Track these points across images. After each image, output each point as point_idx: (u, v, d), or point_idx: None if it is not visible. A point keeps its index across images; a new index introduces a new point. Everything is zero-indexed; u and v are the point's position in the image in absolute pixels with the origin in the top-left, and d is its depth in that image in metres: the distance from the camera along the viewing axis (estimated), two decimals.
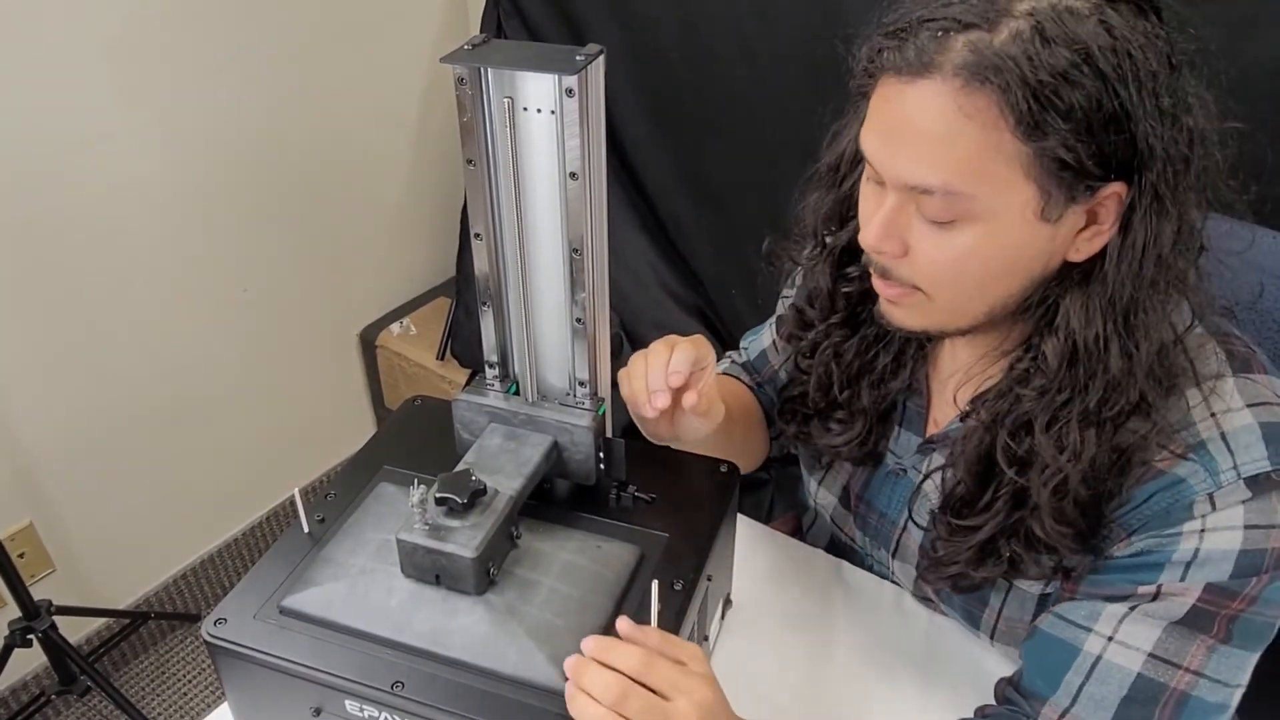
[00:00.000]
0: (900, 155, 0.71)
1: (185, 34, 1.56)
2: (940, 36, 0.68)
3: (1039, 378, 0.76)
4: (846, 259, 0.91)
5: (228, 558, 2.01)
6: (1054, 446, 0.74)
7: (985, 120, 0.67)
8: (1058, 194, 0.69)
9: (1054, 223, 0.71)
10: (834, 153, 0.89)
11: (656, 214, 1.80)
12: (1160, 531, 0.73)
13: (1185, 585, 0.73)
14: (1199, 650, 0.73)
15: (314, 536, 0.81)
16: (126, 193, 1.57)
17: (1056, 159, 0.67)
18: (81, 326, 1.60)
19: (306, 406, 2.06)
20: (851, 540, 1.03)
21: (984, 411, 0.80)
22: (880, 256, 0.77)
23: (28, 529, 1.65)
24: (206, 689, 1.90)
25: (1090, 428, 0.73)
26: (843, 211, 0.90)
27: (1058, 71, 0.65)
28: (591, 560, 0.78)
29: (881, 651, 0.95)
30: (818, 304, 0.94)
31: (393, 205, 2.07)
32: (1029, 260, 0.73)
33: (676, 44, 1.60)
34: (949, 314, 0.78)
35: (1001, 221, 0.70)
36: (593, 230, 0.73)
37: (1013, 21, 0.66)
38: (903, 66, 0.69)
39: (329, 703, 0.73)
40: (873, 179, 0.77)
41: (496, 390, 0.84)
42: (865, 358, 0.92)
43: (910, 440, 0.93)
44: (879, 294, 0.81)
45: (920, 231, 0.73)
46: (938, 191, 0.70)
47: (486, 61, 0.69)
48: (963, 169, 0.68)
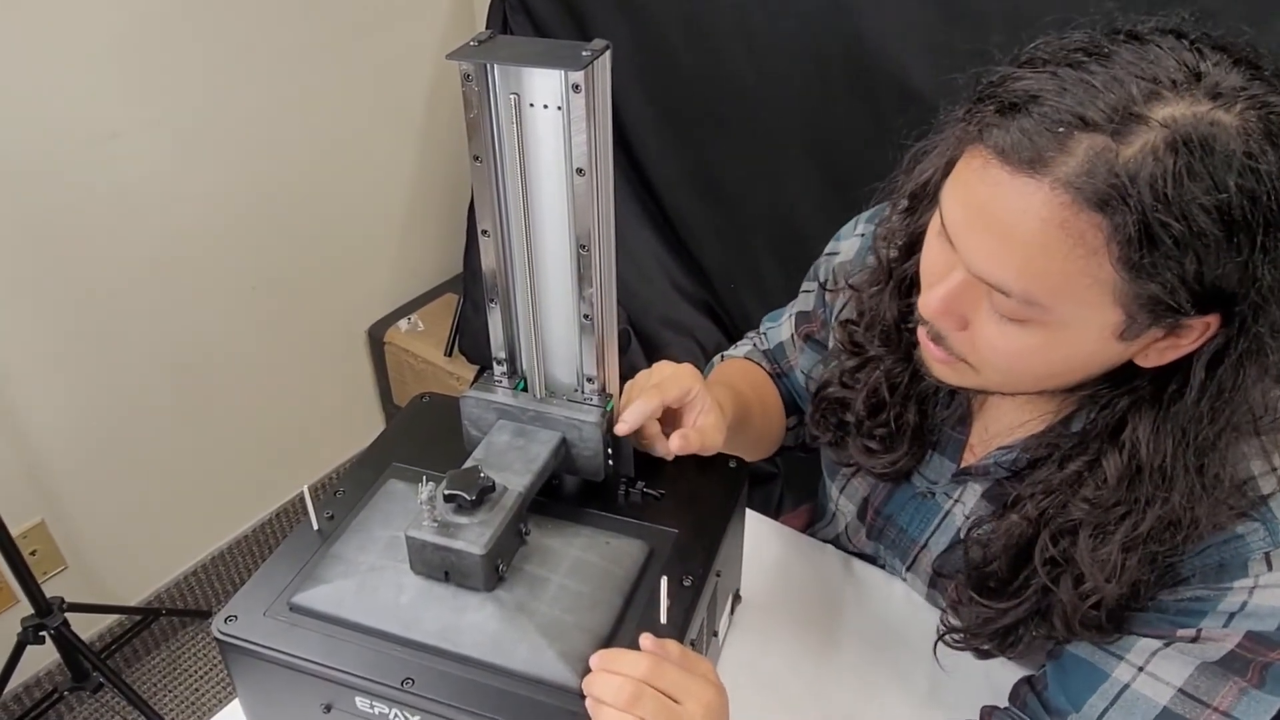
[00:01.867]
0: (983, 247, 0.64)
1: (193, 31, 1.56)
2: (1062, 133, 0.58)
3: (1092, 489, 0.72)
4: (911, 289, 0.84)
5: (238, 554, 2.02)
6: (1095, 564, 0.71)
7: (1087, 247, 0.59)
8: (1143, 320, 0.63)
9: (1130, 341, 0.66)
10: (916, 182, 0.80)
11: (663, 209, 1.80)
12: (1212, 585, 0.71)
13: (1227, 631, 0.71)
14: (1230, 691, 0.72)
15: (323, 534, 0.81)
16: (135, 190, 1.57)
17: (1154, 297, 0.61)
18: (91, 324, 1.60)
19: (315, 403, 2.06)
20: (861, 549, 1.03)
21: (1031, 506, 0.76)
22: (938, 325, 0.72)
23: (40, 526, 1.65)
24: (218, 685, 1.90)
25: (1136, 552, 0.70)
26: (913, 241, 0.82)
27: (1181, 209, 0.56)
28: (600, 557, 0.78)
29: (890, 647, 0.94)
30: (878, 332, 0.87)
31: (400, 201, 2.07)
32: (1095, 366, 0.69)
33: (683, 39, 1.59)
34: (996, 387, 0.75)
35: (1075, 333, 0.65)
36: (600, 226, 0.73)
37: (1147, 133, 0.57)
38: (1008, 153, 0.60)
39: (339, 700, 0.73)
40: (945, 235, 0.69)
41: (504, 387, 0.84)
42: (918, 384, 0.87)
43: (943, 465, 0.90)
44: (925, 350, 0.77)
45: (985, 316, 0.68)
46: (1015, 297, 0.64)
47: (493, 58, 0.68)
48: (1049, 283, 0.62)
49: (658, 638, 0.69)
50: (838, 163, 1.51)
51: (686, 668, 0.69)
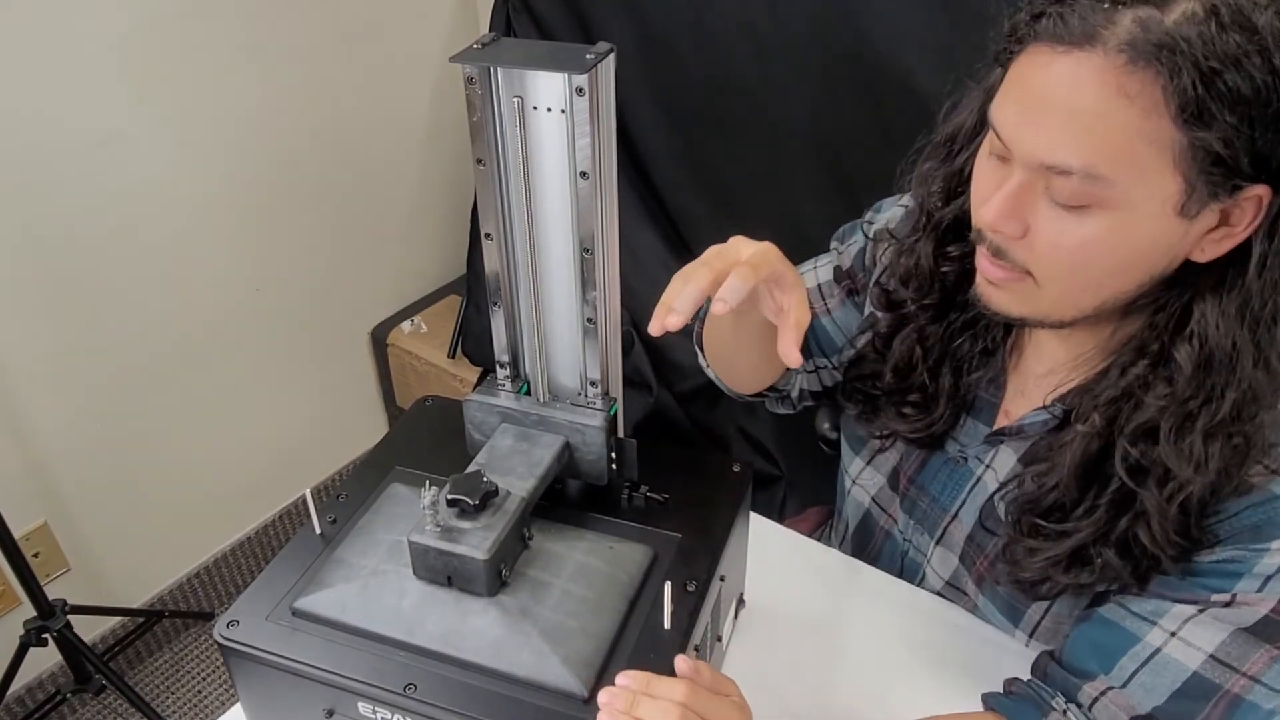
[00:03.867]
0: (1042, 130, 0.67)
1: (196, 33, 1.56)
2: (1107, 9, 0.63)
3: (1164, 385, 0.72)
4: (950, 236, 0.86)
5: (241, 556, 2.02)
6: (1180, 458, 0.71)
7: (1146, 103, 0.63)
8: (1202, 189, 0.65)
9: (1191, 219, 0.67)
10: (952, 124, 0.84)
11: (666, 210, 1.80)
12: (1248, 545, 0.72)
13: (1261, 596, 0.72)
14: (1262, 657, 0.72)
15: (326, 538, 0.81)
16: (138, 192, 1.57)
17: (1212, 152, 0.63)
18: (94, 326, 1.60)
19: (318, 404, 2.06)
20: (893, 522, 1.02)
21: (1098, 416, 0.76)
22: (996, 235, 0.73)
23: (43, 528, 1.65)
24: (220, 687, 1.90)
25: (1218, 439, 0.70)
26: (952, 186, 0.85)
27: (1231, 58, 0.61)
28: (604, 561, 0.77)
29: (896, 651, 0.94)
30: (913, 283, 0.88)
31: (403, 203, 2.07)
32: (1156, 256, 0.70)
33: (687, 41, 1.59)
34: (1054, 304, 0.75)
35: (1137, 212, 0.67)
36: (604, 229, 0.73)
37: (1185, 2, 0.62)
38: (1062, 34, 0.64)
39: (342, 705, 0.72)
40: (995, 153, 0.72)
41: (508, 390, 0.84)
42: (952, 344, 0.89)
43: (977, 429, 0.91)
44: (982, 274, 0.77)
45: (1045, 214, 0.70)
46: (1077, 174, 0.66)
47: (496, 61, 0.68)
48: (1110, 152, 0.64)
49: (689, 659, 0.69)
50: (842, 164, 1.51)
51: (718, 690, 0.70)
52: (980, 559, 0.91)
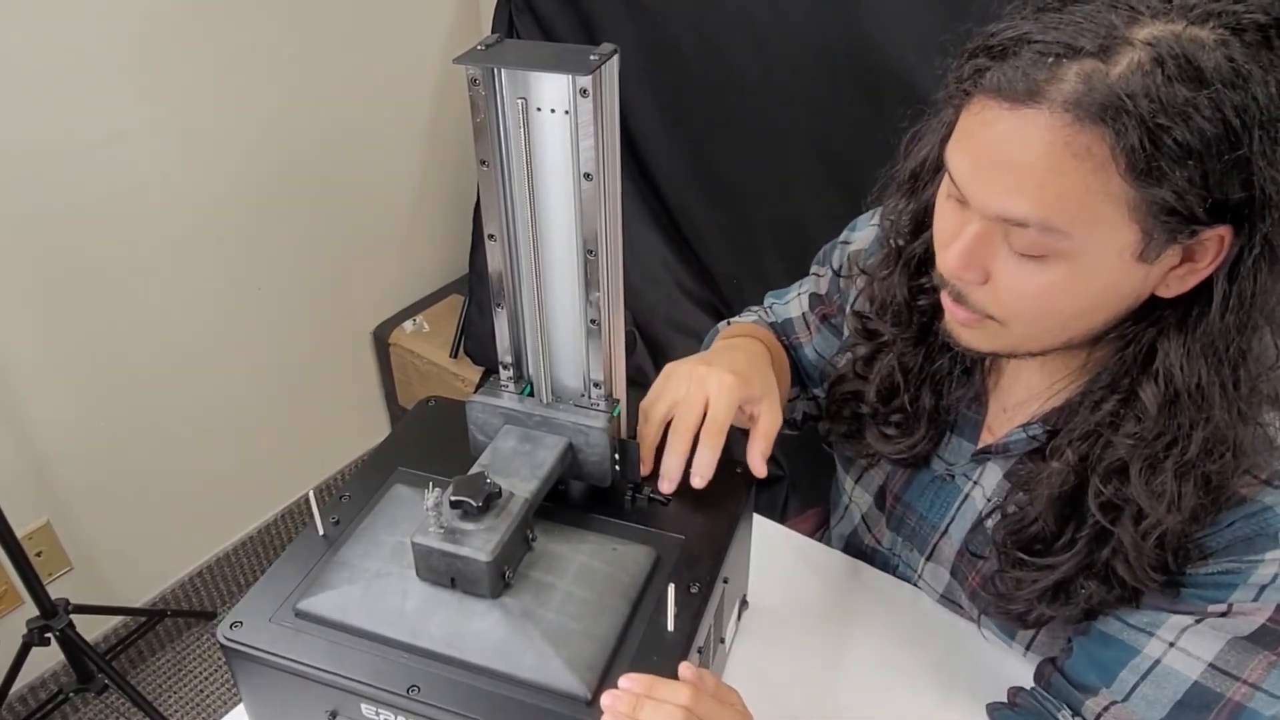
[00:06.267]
0: (994, 185, 0.66)
1: (198, 33, 1.56)
2: (1051, 63, 0.62)
3: (1133, 424, 0.72)
4: (921, 269, 0.86)
5: (243, 555, 2.02)
6: (1152, 497, 0.70)
7: (1094, 161, 0.62)
8: (1160, 236, 0.64)
9: (1151, 263, 0.67)
10: (915, 159, 0.84)
11: (669, 210, 1.80)
12: (1241, 557, 0.71)
13: (1257, 606, 0.72)
14: (1260, 665, 0.72)
15: (329, 539, 0.81)
16: (140, 191, 1.57)
17: (1166, 204, 0.62)
18: (96, 325, 1.60)
19: (320, 404, 2.06)
20: (878, 541, 1.02)
21: (1071, 452, 0.76)
22: (959, 283, 0.73)
23: (45, 528, 1.65)
24: (222, 686, 1.90)
25: (1190, 478, 0.70)
26: (919, 220, 0.85)
27: (1179, 112, 0.59)
28: (607, 563, 0.77)
29: (899, 653, 0.94)
30: (889, 315, 0.89)
31: (404, 202, 2.07)
32: (1119, 299, 0.70)
33: (690, 41, 1.59)
34: (1022, 340, 0.75)
35: (1095, 260, 0.66)
36: (607, 230, 0.72)
37: (1131, 52, 0.61)
38: (1005, 89, 0.63)
39: (345, 706, 0.72)
40: (954, 196, 0.72)
41: (511, 392, 0.84)
42: (932, 365, 0.89)
43: (962, 447, 0.91)
44: (949, 315, 0.77)
45: (1006, 261, 0.69)
46: (1033, 225, 0.65)
47: (500, 62, 0.68)
48: (1063, 206, 0.64)
49: (693, 666, 0.69)
50: (844, 165, 1.51)
51: (720, 699, 0.69)
52: (973, 574, 0.91)
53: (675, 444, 0.83)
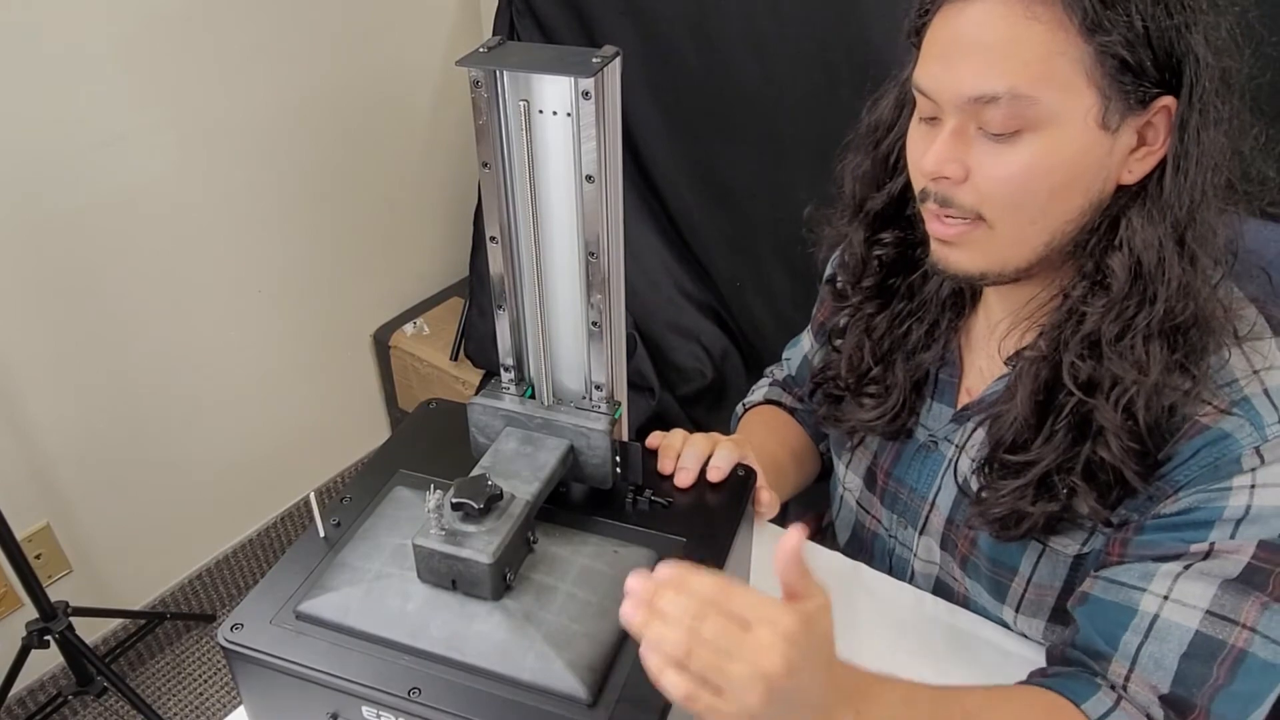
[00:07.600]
0: (964, 67, 0.73)
1: (198, 35, 1.56)
2: None
3: (1102, 295, 0.76)
4: (881, 224, 0.92)
5: (243, 558, 2.02)
6: (1124, 360, 0.74)
7: (1050, 21, 0.69)
8: (1117, 100, 0.71)
9: (1112, 132, 0.72)
10: (873, 116, 0.91)
11: (669, 213, 1.80)
12: (1209, 486, 0.74)
13: (1238, 543, 0.73)
14: (1253, 607, 0.73)
15: (330, 541, 0.81)
16: (140, 193, 1.57)
17: (1118, 59, 0.69)
18: (96, 327, 1.60)
19: (321, 406, 2.06)
20: (878, 521, 1.03)
21: (1044, 342, 0.80)
22: (940, 184, 0.77)
23: (45, 530, 1.65)
24: (222, 689, 1.90)
25: (1156, 340, 0.74)
26: (879, 175, 0.91)
27: None
28: (608, 565, 0.77)
29: (899, 653, 0.94)
30: (850, 269, 0.95)
31: (405, 205, 2.07)
32: (1090, 175, 0.74)
33: (691, 44, 1.59)
34: (1009, 245, 0.78)
35: (1064, 129, 0.72)
36: (609, 233, 0.73)
37: None
38: None
39: (346, 709, 0.72)
40: (924, 117, 0.78)
41: (512, 394, 0.84)
42: (898, 331, 0.93)
43: (942, 411, 0.93)
44: (935, 236, 0.81)
45: (982, 150, 0.74)
46: (1003, 97, 0.71)
47: (502, 64, 0.68)
48: (1028, 71, 0.70)
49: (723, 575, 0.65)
50: None
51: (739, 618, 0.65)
52: (962, 541, 0.92)
53: (696, 442, 0.89)
